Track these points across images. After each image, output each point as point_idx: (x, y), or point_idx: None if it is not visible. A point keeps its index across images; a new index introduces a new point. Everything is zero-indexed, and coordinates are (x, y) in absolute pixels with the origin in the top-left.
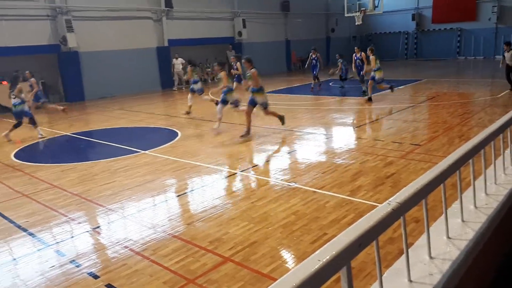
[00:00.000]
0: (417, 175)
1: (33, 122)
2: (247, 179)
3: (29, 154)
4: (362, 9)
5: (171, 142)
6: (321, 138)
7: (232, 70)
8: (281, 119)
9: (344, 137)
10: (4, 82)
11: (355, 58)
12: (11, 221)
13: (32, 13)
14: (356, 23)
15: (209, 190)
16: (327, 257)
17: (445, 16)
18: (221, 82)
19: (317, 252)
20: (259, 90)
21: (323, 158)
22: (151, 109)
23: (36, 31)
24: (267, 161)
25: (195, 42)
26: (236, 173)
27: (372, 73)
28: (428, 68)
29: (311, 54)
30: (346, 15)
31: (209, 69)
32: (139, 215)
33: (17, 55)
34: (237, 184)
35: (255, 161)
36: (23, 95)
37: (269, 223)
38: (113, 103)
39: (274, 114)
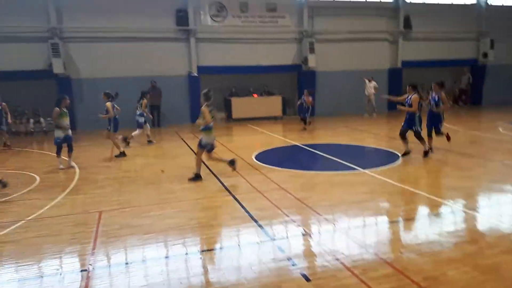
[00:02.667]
0: None
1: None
2: (475, 220)
3: (266, 157)
4: None
5: (391, 165)
6: None
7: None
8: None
9: None
10: (255, 95)
11: (430, 98)
12: (246, 211)
13: (283, 37)
14: None
15: (426, 222)
16: None
17: None
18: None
19: None
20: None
21: None
22: (375, 130)
23: (284, 53)
24: (504, 203)
25: (430, 64)
26: (461, 210)
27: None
28: None
29: None
30: None
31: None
32: (351, 231)
33: (267, 73)
34: (461, 223)
35: (487, 201)
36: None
37: (500, 276)
38: (339, 120)
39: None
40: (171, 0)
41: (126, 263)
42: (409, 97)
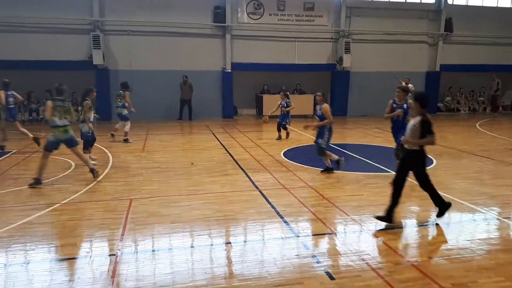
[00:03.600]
0: None
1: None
2: (510, 229)
3: (294, 154)
4: None
5: None
6: None
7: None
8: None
9: None
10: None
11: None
12: (272, 207)
13: (319, 36)
14: None
15: (458, 229)
16: None
17: None
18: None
19: None
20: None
21: None
22: None
23: (318, 52)
24: None
25: (471, 69)
26: (495, 218)
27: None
28: None
29: None
30: None
31: (482, 98)
32: (379, 233)
33: (300, 71)
34: (495, 232)
35: None
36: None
37: None
38: (371, 121)
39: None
40: None
41: (153, 251)
42: (319, 108)
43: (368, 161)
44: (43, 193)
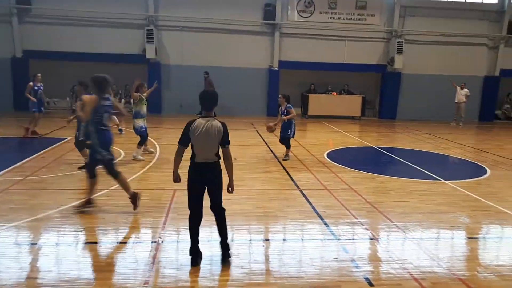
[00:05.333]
0: None
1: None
2: None
3: (338, 156)
4: None
5: (476, 179)
6: None
7: None
8: None
9: None
10: (334, 93)
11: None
12: (312, 207)
13: (370, 36)
14: None
15: (511, 243)
16: None
17: None
18: None
19: None
20: None
21: None
22: (461, 139)
23: (369, 52)
24: None
25: None
26: None
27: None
28: None
29: None
30: None
31: None
32: (424, 242)
33: (350, 71)
34: None
35: None
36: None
37: None
38: (422, 126)
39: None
40: None
41: None
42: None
43: (416, 167)
44: None
